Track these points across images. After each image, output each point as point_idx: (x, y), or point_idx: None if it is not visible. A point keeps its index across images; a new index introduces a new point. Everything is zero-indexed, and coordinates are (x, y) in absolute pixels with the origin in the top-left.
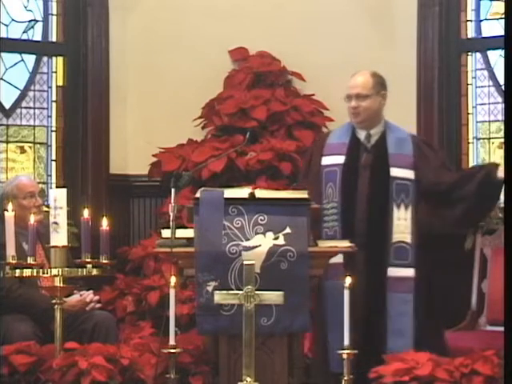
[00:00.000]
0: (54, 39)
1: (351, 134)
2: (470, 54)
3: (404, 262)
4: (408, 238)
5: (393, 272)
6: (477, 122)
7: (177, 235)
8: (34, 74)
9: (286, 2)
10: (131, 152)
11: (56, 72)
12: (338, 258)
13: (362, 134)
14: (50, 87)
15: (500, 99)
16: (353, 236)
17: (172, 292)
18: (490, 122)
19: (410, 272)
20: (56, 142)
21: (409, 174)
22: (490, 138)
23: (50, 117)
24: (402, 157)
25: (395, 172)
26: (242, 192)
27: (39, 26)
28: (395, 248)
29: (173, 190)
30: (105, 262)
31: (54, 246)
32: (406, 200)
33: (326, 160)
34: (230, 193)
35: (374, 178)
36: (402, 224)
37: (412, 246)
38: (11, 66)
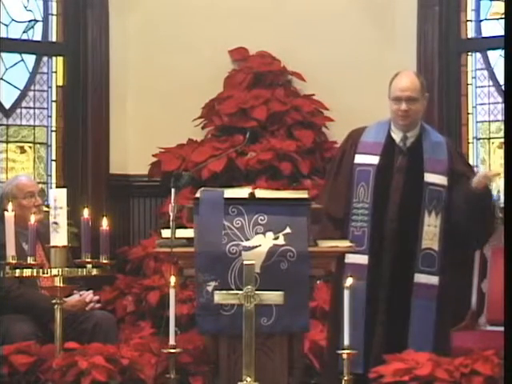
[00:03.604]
0: (53, 39)
1: (387, 134)
2: (470, 53)
3: (431, 270)
4: (436, 246)
5: (419, 278)
6: (477, 122)
7: (177, 235)
8: (34, 74)
9: (286, 2)
10: (131, 152)
11: (56, 72)
12: (363, 260)
13: (397, 136)
14: (50, 87)
15: (500, 99)
16: (381, 238)
17: (172, 292)
18: (489, 121)
19: (434, 280)
20: (56, 142)
21: (443, 180)
22: (489, 138)
23: (50, 117)
24: (437, 162)
25: (429, 178)
26: (242, 192)
27: (39, 26)
28: (423, 254)
29: (173, 190)
30: (105, 261)
31: (54, 246)
32: (438, 207)
33: (360, 159)
34: (230, 193)
35: (407, 181)
36: (431, 231)
37: (438, 253)
38: (11, 66)
